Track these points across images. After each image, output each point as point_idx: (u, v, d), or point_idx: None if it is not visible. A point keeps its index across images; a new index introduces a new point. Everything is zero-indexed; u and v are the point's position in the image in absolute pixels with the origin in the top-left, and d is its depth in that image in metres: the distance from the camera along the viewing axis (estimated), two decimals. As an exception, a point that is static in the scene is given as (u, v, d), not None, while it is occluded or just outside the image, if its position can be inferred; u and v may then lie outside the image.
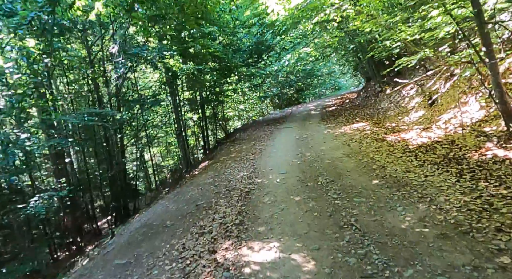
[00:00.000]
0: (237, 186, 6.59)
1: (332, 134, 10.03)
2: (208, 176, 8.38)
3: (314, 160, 7.44)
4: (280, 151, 9.28)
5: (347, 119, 12.13)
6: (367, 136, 8.56)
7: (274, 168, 7.56)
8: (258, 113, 24.74)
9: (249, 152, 9.94)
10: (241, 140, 12.73)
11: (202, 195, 6.54)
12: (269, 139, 11.46)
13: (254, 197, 5.84)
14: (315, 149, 8.52)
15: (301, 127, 12.65)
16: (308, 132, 11.12)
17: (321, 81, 28.89)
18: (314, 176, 6.31)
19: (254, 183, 6.66)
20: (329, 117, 13.63)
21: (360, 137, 8.65)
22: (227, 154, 10.79)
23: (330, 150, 8.10)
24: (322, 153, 7.94)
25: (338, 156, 7.41)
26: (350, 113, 13.22)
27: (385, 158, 6.46)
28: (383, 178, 5.44)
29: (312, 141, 9.66)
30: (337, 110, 15.31)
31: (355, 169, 6.25)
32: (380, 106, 12.43)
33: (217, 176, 8.00)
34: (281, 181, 6.46)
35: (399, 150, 6.78)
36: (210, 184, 7.39)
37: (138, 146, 13.98)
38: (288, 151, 8.95)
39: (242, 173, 7.64)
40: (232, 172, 8.02)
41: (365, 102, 14.86)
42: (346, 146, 8.17)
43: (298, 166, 7.27)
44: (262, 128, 14.54)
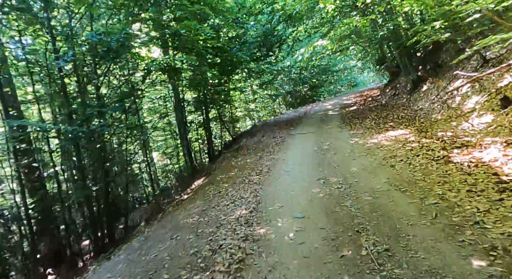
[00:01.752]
0: (227, 242, 4.02)
1: (362, 145, 7.33)
2: (194, 209, 5.84)
3: (345, 194, 4.79)
4: (293, 170, 6.66)
5: (377, 123, 9.37)
6: (416, 152, 5.84)
7: (286, 204, 4.95)
8: (270, 113, 22.07)
9: (254, 170, 7.35)
10: (246, 149, 10.14)
11: (171, 259, 3.99)
12: (279, 150, 8.83)
13: (250, 275, 3.26)
14: (343, 171, 5.86)
15: (319, 133, 9.96)
16: (329, 141, 8.43)
17: (336, 78, 25.94)
18: (351, 231, 3.68)
19: (253, 236, 4.07)
20: (352, 120, 10.87)
21: (406, 153, 5.93)
22: (226, 170, 8.23)
23: (366, 174, 5.43)
24: (355, 180, 5.28)
25: (381, 187, 4.75)
26: (378, 115, 10.43)
27: (468, 199, 3.77)
28: (487, 252, 2.78)
29: (336, 155, 6.99)
30: (360, 110, 12.51)
31: (420, 220, 3.59)
32: (418, 107, 9.60)
33: (205, 212, 5.45)
34: (296, 236, 3.85)
35: (485, 182, 4.07)
36: (190, 229, 4.83)
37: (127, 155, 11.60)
38: (305, 173, 6.32)
39: (240, 210, 5.06)
40: (226, 206, 5.45)
41: (394, 101, 12.01)
42: (389, 168, 5.48)
43: (321, 204, 4.65)
44: (272, 133, 11.90)
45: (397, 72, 14.65)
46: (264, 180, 6.43)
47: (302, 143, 9.14)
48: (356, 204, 4.34)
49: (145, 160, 15.67)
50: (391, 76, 15.52)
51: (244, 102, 19.86)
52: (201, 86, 10.69)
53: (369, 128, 8.93)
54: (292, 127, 12.23)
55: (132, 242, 5.38)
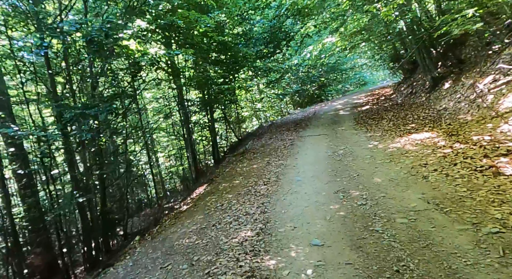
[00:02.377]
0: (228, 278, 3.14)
1: (382, 151, 6.39)
2: (192, 226, 4.98)
3: (371, 213, 3.89)
4: (306, 180, 5.75)
5: (396, 124, 8.41)
6: (451, 159, 4.90)
7: (299, 224, 4.06)
8: (277, 113, 21.14)
9: (261, 178, 6.46)
10: (253, 153, 9.26)
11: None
12: (289, 154, 7.93)
13: None
14: (365, 182, 4.94)
15: (331, 135, 9.03)
16: (344, 145, 7.51)
17: (345, 77, 24.86)
18: (389, 270, 2.77)
19: (261, 270, 3.19)
20: (367, 121, 9.92)
21: (439, 161, 4.99)
22: (230, 177, 7.35)
23: (394, 187, 4.51)
24: (381, 194, 4.36)
25: (417, 205, 3.83)
26: (395, 116, 9.46)
27: (542, 229, 2.84)
28: None
29: (355, 162, 6.06)
30: (374, 110, 11.54)
31: (481, 258, 2.67)
32: (440, 107, 8.61)
33: (204, 231, 4.58)
34: (315, 274, 2.96)
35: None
36: (185, 255, 3.97)
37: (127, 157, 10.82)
38: (319, 183, 5.41)
39: (244, 231, 4.19)
40: (229, 224, 4.58)
41: (412, 100, 11.01)
42: (421, 179, 4.55)
43: (343, 226, 3.74)
44: (280, 135, 11.00)
45: (412, 69, 13.63)
46: (273, 191, 5.54)
47: (313, 146, 8.23)
48: (389, 229, 3.42)
49: (149, 161, 14.93)
50: (405, 74, 14.48)
51: (250, 102, 18.97)
52: (204, 85, 9.82)
53: (387, 131, 7.98)
54: (302, 128, 11.30)
55: (118, 268, 4.53)
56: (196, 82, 9.27)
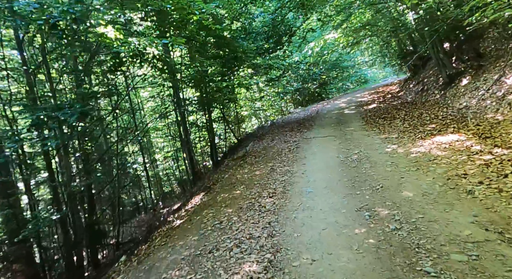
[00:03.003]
0: None
1: (404, 156, 5.48)
2: (184, 250, 4.05)
3: (412, 243, 2.96)
4: (318, 192, 4.83)
5: (412, 125, 7.50)
6: (497, 168, 3.99)
7: (319, 256, 3.14)
8: (277, 112, 20.20)
9: (265, 189, 5.53)
10: (254, 157, 8.33)
11: None
12: (295, 159, 7.00)
13: None
14: (393, 197, 4.02)
15: (340, 137, 8.11)
16: (357, 149, 6.59)
17: (346, 74, 23.92)
18: None
19: None
20: (377, 121, 9.01)
21: (481, 170, 4.08)
22: (230, 185, 6.42)
23: (431, 205, 3.59)
24: (418, 215, 3.44)
25: (472, 233, 2.91)
26: (409, 115, 8.56)
27: None
28: None
29: (375, 170, 5.15)
30: (383, 109, 10.62)
31: None
32: (461, 105, 7.70)
33: (198, 260, 3.65)
34: None
35: None
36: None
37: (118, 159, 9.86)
38: (336, 196, 4.49)
39: (248, 263, 3.27)
40: (229, 250, 3.65)
41: (424, 98, 10.09)
42: (465, 195, 3.64)
43: (378, 261, 2.82)
44: (283, 136, 10.08)
45: (420, 65, 12.72)
46: (280, 206, 4.61)
47: (322, 149, 7.31)
48: (445, 271, 2.51)
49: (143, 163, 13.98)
50: (413, 70, 13.56)
51: (250, 101, 18.02)
52: (200, 82, 8.88)
53: (404, 132, 7.07)
54: (306, 129, 10.38)
55: None
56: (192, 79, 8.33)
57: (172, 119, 13.68)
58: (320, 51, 18.27)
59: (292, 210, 4.41)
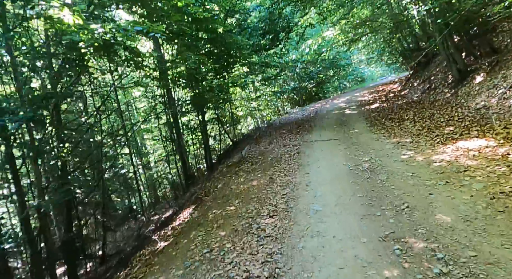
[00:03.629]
0: None
1: (426, 165, 4.62)
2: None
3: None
4: (329, 211, 3.96)
5: (425, 127, 6.66)
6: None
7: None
8: (274, 112, 19.31)
9: (264, 205, 4.64)
10: (251, 163, 7.43)
11: None
12: (297, 167, 6.12)
13: None
14: (427, 223, 3.15)
15: (345, 140, 7.25)
16: (367, 155, 5.73)
17: (343, 73, 23.07)
18: None
19: None
20: (384, 122, 8.18)
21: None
22: (223, 199, 5.52)
23: (483, 237, 2.73)
24: (470, 253, 2.57)
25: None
26: (419, 116, 7.72)
27: None
28: None
29: (393, 183, 4.28)
30: (387, 109, 9.79)
31: None
32: (477, 105, 6.86)
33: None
34: None
35: None
36: None
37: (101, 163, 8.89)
38: (352, 219, 3.61)
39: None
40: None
41: (432, 97, 9.27)
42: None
43: None
44: (281, 139, 9.20)
45: (423, 63, 11.89)
46: (284, 230, 3.73)
47: (326, 155, 6.44)
48: None
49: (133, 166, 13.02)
50: (415, 68, 12.75)
51: (245, 100, 17.11)
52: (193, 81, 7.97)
53: (418, 135, 6.22)
54: (306, 131, 9.51)
55: None
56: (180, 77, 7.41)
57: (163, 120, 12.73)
58: (317, 49, 17.43)
59: (298, 236, 3.54)
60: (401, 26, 11.79)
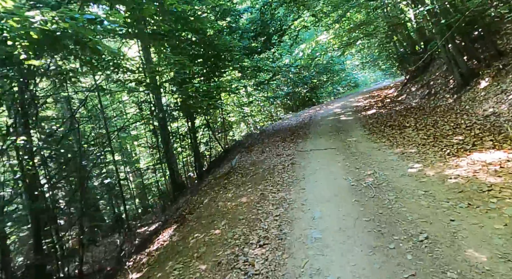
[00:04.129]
0: None
1: (440, 181, 3.96)
2: None
3: None
4: (330, 240, 3.26)
5: (430, 135, 6.04)
6: None
7: None
8: (267, 118, 18.66)
9: (254, 229, 3.93)
10: (241, 175, 6.72)
11: None
12: (291, 180, 5.43)
13: None
14: (455, 262, 2.47)
15: (343, 150, 6.60)
16: (370, 167, 5.06)
17: (337, 78, 22.58)
18: None
19: None
20: (383, 130, 7.56)
21: None
22: (207, 219, 4.79)
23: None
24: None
25: None
26: (421, 123, 7.11)
27: None
28: None
29: (403, 203, 3.61)
30: (385, 115, 9.19)
31: None
32: (487, 111, 6.28)
33: None
34: None
35: None
36: None
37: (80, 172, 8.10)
38: (360, 253, 2.91)
39: None
40: None
41: (433, 102, 8.69)
42: None
43: None
44: (274, 148, 8.52)
45: (421, 67, 11.37)
46: (276, 267, 3.02)
47: (323, 167, 5.76)
48: None
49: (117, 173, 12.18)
50: (412, 72, 12.23)
51: (237, 106, 16.43)
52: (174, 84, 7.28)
53: (424, 145, 5.59)
54: (300, 138, 8.85)
55: None
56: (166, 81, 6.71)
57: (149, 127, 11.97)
58: (311, 53, 16.89)
59: (294, 275, 2.83)
60: (397, 30, 11.29)
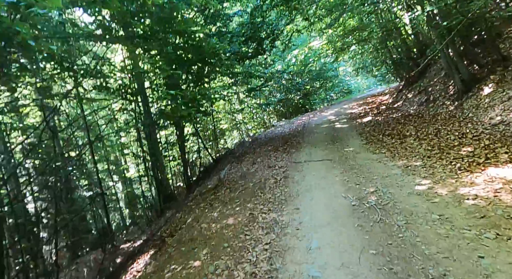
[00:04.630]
0: None
1: (456, 202, 3.38)
2: None
3: None
4: (333, 279, 2.65)
5: (433, 146, 5.49)
6: None
7: None
8: (259, 125, 18.07)
9: (239, 262, 3.29)
10: (229, 189, 6.07)
11: None
12: (284, 198, 4.80)
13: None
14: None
15: (341, 162, 6.01)
16: (371, 183, 4.47)
17: (330, 84, 22.15)
18: None
19: None
20: (381, 139, 7.02)
21: None
22: (188, 244, 4.12)
23: None
24: None
25: None
26: (421, 132, 6.58)
27: None
28: None
29: (416, 231, 3.01)
30: (382, 123, 8.67)
31: None
32: (493, 119, 5.76)
33: None
34: None
35: None
36: None
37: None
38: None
39: None
40: None
41: (433, 109, 8.19)
42: None
43: None
44: (266, 158, 7.91)
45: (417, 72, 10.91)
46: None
47: (319, 181, 5.15)
48: None
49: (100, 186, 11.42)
50: (408, 78, 11.79)
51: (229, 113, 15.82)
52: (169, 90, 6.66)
53: (430, 157, 5.03)
54: (294, 148, 8.25)
55: None
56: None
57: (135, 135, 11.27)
58: (304, 59, 16.43)
59: None
60: (392, 35, 10.86)
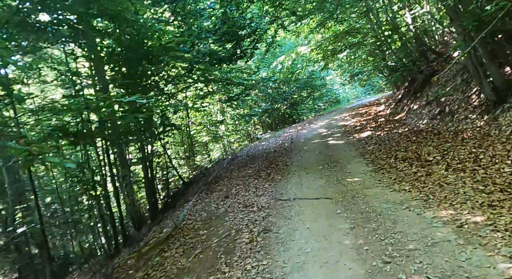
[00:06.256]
0: None
1: None
2: None
3: None
4: None
5: (485, 180, 3.59)
6: None
7: None
8: (243, 137, 16.03)
9: None
10: (183, 245, 4.02)
11: None
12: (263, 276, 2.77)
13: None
14: None
15: (345, 202, 4.02)
16: (407, 257, 2.49)
17: (318, 93, 20.38)
18: None
19: None
20: (394, 165, 5.12)
21: None
22: None
23: None
24: None
25: None
26: (450, 156, 4.71)
27: None
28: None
29: None
30: (386, 140, 6.81)
31: None
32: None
33: None
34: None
35: None
36: None
37: None
38: None
39: None
40: None
41: (452, 124, 6.35)
42: None
43: None
44: (244, 189, 5.87)
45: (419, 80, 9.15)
46: None
47: (319, 248, 3.14)
48: None
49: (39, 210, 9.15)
50: (408, 87, 10.07)
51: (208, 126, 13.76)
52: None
53: (493, 207, 3.11)
54: (279, 174, 6.25)
55: None
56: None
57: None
58: (291, 66, 14.60)
59: None
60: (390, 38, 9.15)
